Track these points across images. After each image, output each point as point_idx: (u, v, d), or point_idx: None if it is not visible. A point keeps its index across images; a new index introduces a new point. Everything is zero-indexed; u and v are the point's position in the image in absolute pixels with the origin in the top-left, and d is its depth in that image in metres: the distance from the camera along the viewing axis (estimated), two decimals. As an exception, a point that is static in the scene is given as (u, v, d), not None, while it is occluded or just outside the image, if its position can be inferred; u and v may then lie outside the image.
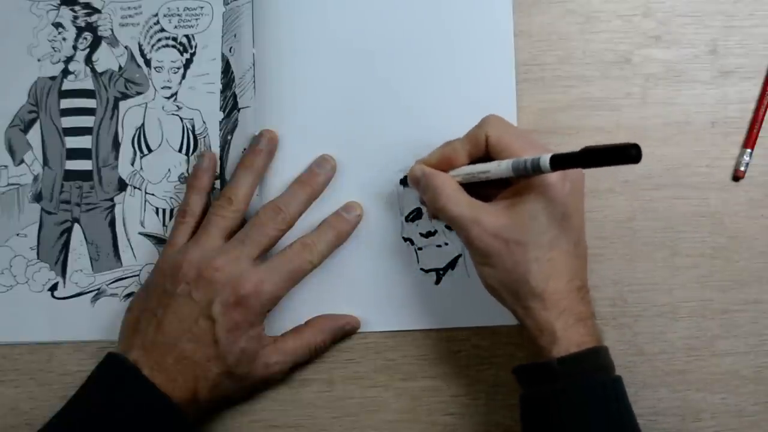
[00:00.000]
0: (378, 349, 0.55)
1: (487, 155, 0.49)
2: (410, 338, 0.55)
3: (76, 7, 0.57)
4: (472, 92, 0.55)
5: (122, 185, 0.56)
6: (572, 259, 0.47)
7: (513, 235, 0.46)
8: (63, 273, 0.56)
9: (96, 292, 0.56)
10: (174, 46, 0.56)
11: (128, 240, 0.56)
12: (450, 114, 0.55)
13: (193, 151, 0.56)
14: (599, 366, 0.46)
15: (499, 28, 0.55)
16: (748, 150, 0.55)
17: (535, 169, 0.45)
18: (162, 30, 0.57)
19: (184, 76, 0.56)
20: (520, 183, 0.48)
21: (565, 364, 0.45)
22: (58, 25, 0.57)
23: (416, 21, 0.56)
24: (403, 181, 0.55)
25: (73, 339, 0.55)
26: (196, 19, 0.57)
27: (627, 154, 0.39)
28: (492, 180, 0.48)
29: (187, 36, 0.57)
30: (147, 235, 0.56)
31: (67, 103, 0.57)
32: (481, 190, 0.49)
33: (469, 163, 0.50)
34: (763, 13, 0.56)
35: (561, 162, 0.43)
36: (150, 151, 0.56)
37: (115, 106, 0.56)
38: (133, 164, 0.56)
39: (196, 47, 0.56)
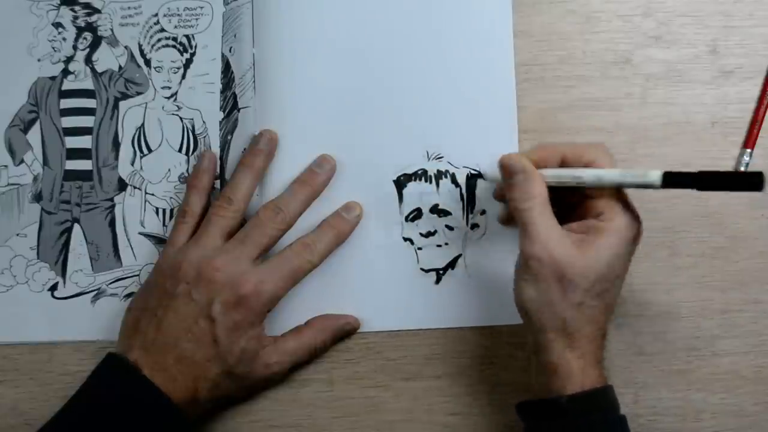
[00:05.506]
0: (378, 349, 0.55)
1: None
2: (410, 338, 0.55)
3: (76, 7, 0.57)
4: (472, 92, 0.55)
5: (122, 185, 0.56)
6: (608, 310, 0.47)
7: (571, 274, 0.45)
8: (63, 273, 0.56)
9: (96, 292, 0.56)
10: (174, 46, 0.56)
11: (128, 240, 0.56)
12: (450, 114, 0.55)
13: (193, 151, 0.56)
14: (607, 405, 0.46)
15: (498, 28, 0.55)
16: (748, 150, 0.55)
17: (642, 183, 0.44)
18: (162, 30, 0.57)
19: (184, 76, 0.56)
20: (595, 215, 0.47)
21: (575, 402, 0.45)
22: (58, 25, 0.57)
23: (416, 21, 0.55)
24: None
25: (73, 339, 0.55)
26: (196, 19, 0.57)
27: (751, 181, 0.37)
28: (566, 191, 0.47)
29: (187, 36, 0.56)
30: (147, 235, 0.56)
31: (67, 103, 0.57)
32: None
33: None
34: (762, 14, 0.56)
35: (673, 180, 0.42)
36: (150, 151, 0.56)
37: (115, 106, 0.56)
38: (133, 164, 0.56)
39: (196, 47, 0.56)
